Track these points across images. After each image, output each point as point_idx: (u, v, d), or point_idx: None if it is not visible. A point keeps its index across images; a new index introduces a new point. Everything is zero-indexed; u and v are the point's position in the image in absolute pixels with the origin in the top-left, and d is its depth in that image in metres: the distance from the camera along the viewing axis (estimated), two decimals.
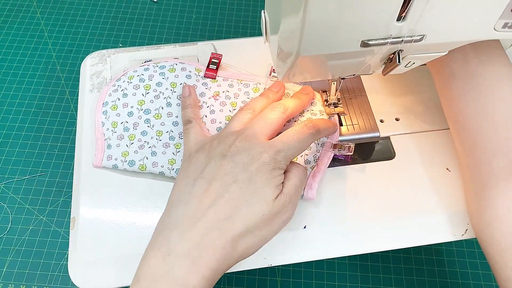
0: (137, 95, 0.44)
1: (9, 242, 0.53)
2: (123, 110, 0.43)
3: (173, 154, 0.41)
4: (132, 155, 0.41)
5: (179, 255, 0.30)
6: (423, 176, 0.42)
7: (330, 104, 0.44)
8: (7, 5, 0.73)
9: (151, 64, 0.46)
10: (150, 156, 0.41)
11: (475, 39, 0.31)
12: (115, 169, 0.41)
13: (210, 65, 0.46)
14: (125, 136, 0.42)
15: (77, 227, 0.39)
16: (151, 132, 0.42)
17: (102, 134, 0.42)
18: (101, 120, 0.43)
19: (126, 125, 0.43)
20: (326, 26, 0.27)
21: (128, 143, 0.42)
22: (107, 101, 0.44)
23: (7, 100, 0.63)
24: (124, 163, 0.41)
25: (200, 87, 0.45)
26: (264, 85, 0.46)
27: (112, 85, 0.45)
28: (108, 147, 0.42)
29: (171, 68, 0.46)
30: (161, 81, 0.45)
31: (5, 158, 0.58)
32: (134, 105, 0.43)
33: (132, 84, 0.45)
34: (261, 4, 0.75)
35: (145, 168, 0.41)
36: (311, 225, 0.39)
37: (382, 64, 0.34)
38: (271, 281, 0.51)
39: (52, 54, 0.68)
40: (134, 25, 0.72)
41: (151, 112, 0.43)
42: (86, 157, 0.42)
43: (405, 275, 0.51)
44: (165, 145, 0.42)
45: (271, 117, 0.38)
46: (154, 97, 0.44)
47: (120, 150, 0.42)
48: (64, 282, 0.51)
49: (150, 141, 0.42)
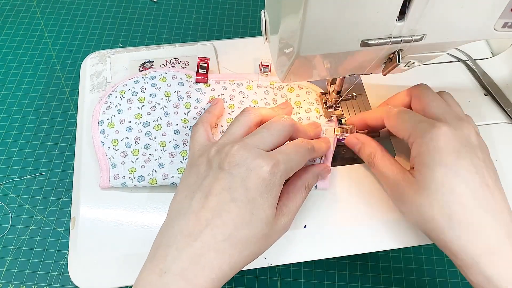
0: (133, 109, 0.43)
1: (9, 242, 0.53)
2: (121, 126, 0.42)
3: (181, 162, 0.40)
4: (139, 171, 0.40)
5: (175, 274, 0.29)
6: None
7: (329, 106, 0.44)
8: (7, 5, 0.73)
9: (140, 76, 0.45)
10: (159, 169, 0.40)
11: (475, 39, 0.31)
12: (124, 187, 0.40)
13: (200, 69, 0.45)
14: (128, 152, 0.41)
15: (77, 227, 0.39)
16: (155, 144, 0.41)
17: (104, 154, 0.41)
18: (100, 140, 0.42)
19: (128, 141, 0.41)
20: (326, 26, 0.27)
21: (133, 159, 0.41)
22: (102, 120, 0.42)
23: (7, 100, 0.63)
24: (133, 180, 0.40)
25: (195, 93, 0.45)
26: (257, 82, 0.46)
27: (104, 103, 0.44)
28: (113, 166, 0.40)
29: (162, 77, 0.45)
30: (154, 91, 0.44)
31: (5, 158, 0.58)
32: (132, 120, 0.42)
33: (125, 98, 0.43)
34: (261, 4, 0.75)
35: (155, 181, 0.40)
36: (311, 225, 0.39)
37: (382, 64, 0.34)
38: (271, 281, 0.51)
39: (52, 54, 0.68)
40: (134, 25, 0.72)
41: (150, 124, 0.42)
42: (86, 157, 0.42)
43: (405, 275, 0.51)
44: (171, 154, 0.41)
45: (275, 128, 0.36)
46: (151, 109, 0.43)
47: (126, 167, 0.40)
48: (64, 282, 0.51)
49: (155, 154, 0.41)
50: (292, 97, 0.45)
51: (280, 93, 0.45)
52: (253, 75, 0.47)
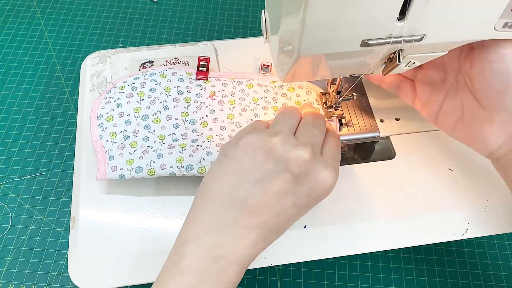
0: (132, 103, 0.43)
1: (9, 242, 0.53)
2: (119, 119, 0.42)
3: (180, 152, 0.40)
4: (137, 162, 0.40)
5: (231, 262, 0.31)
6: (423, 176, 0.42)
7: (329, 106, 0.44)
8: (7, 5, 0.73)
9: (140, 73, 0.45)
10: (157, 159, 0.40)
11: (475, 39, 0.31)
12: (122, 179, 0.40)
13: (200, 67, 0.46)
14: (126, 145, 0.41)
15: (77, 227, 0.39)
16: (153, 137, 0.41)
17: (101, 147, 0.41)
18: (98, 134, 0.41)
19: (126, 134, 0.41)
20: (326, 26, 0.27)
21: (131, 151, 0.40)
22: (101, 114, 0.42)
23: (7, 100, 0.63)
24: (131, 171, 0.39)
25: (195, 88, 0.45)
26: (257, 81, 0.46)
27: (104, 98, 0.44)
28: (110, 159, 0.40)
29: (162, 74, 0.45)
30: (154, 86, 0.44)
31: (5, 158, 0.58)
32: (131, 113, 0.42)
33: (124, 93, 0.43)
34: (261, 4, 0.75)
35: (154, 172, 0.39)
36: (311, 225, 0.39)
37: (382, 64, 0.34)
38: (271, 281, 0.51)
39: (52, 54, 0.68)
40: (134, 25, 0.72)
41: (149, 118, 0.42)
42: (86, 157, 0.42)
43: (405, 275, 0.51)
44: (170, 146, 0.41)
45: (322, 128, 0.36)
46: (150, 103, 0.43)
47: (123, 159, 0.40)
48: (64, 282, 0.51)
49: (153, 145, 0.40)
50: (293, 96, 0.45)
51: (281, 92, 0.45)
52: (253, 75, 0.47)
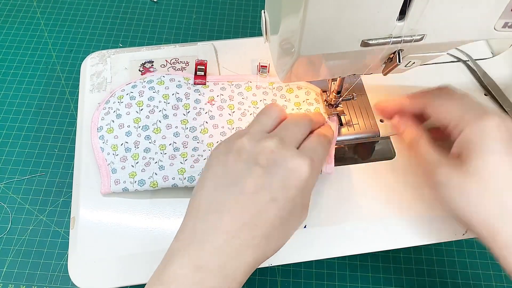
0: (131, 113, 0.43)
1: (9, 242, 0.53)
2: (120, 131, 0.42)
3: (181, 163, 0.40)
4: (140, 174, 0.40)
5: (212, 271, 0.29)
6: (423, 176, 0.42)
7: (330, 104, 0.44)
8: (7, 5, 0.73)
9: (137, 80, 0.45)
10: (159, 171, 0.40)
11: (475, 39, 0.31)
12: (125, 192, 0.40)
13: (198, 72, 0.45)
14: (128, 157, 0.41)
15: (77, 227, 0.39)
16: (154, 148, 0.41)
17: (103, 160, 0.41)
18: (99, 146, 0.42)
19: (127, 146, 0.41)
20: (326, 26, 0.27)
21: (133, 163, 0.40)
22: (101, 126, 0.42)
23: (7, 100, 0.63)
24: (133, 184, 0.39)
25: (193, 94, 0.44)
26: (255, 83, 0.46)
27: (103, 108, 0.44)
28: (113, 172, 0.40)
29: (160, 81, 0.45)
30: (152, 95, 0.43)
31: (5, 158, 0.58)
32: (131, 124, 0.42)
33: (123, 103, 0.43)
34: (261, 4, 0.75)
35: (156, 184, 0.39)
36: (311, 225, 0.39)
37: (382, 64, 0.34)
38: (271, 281, 0.51)
39: (52, 54, 0.68)
40: (134, 25, 0.72)
41: (149, 128, 0.42)
42: (86, 157, 0.42)
43: (405, 275, 0.51)
44: (171, 157, 0.41)
45: (303, 123, 0.36)
46: (149, 112, 0.43)
47: (126, 172, 0.40)
48: (64, 282, 0.51)
49: (155, 157, 0.41)
50: (291, 98, 0.45)
51: (279, 94, 0.45)
52: (251, 76, 0.46)
